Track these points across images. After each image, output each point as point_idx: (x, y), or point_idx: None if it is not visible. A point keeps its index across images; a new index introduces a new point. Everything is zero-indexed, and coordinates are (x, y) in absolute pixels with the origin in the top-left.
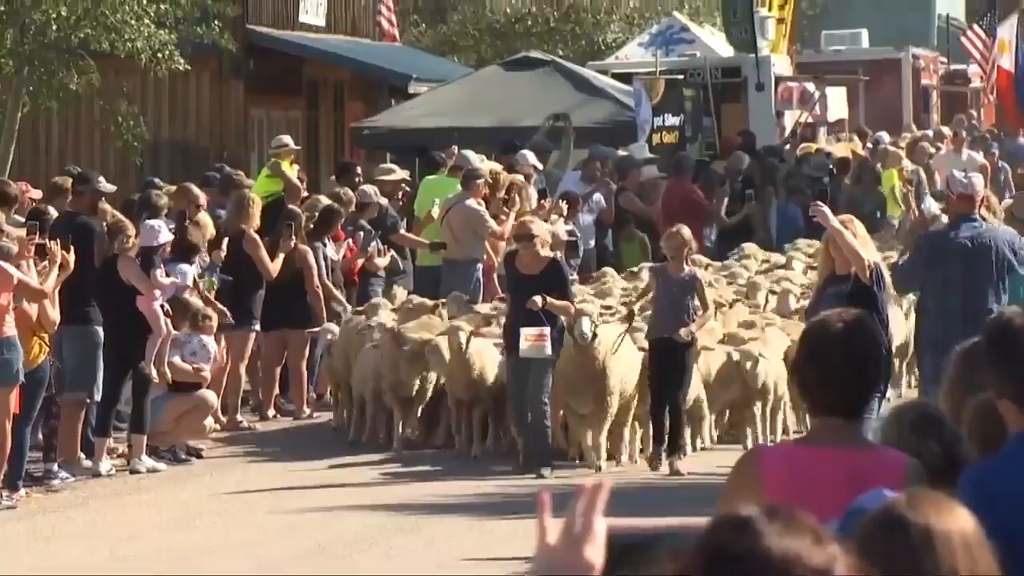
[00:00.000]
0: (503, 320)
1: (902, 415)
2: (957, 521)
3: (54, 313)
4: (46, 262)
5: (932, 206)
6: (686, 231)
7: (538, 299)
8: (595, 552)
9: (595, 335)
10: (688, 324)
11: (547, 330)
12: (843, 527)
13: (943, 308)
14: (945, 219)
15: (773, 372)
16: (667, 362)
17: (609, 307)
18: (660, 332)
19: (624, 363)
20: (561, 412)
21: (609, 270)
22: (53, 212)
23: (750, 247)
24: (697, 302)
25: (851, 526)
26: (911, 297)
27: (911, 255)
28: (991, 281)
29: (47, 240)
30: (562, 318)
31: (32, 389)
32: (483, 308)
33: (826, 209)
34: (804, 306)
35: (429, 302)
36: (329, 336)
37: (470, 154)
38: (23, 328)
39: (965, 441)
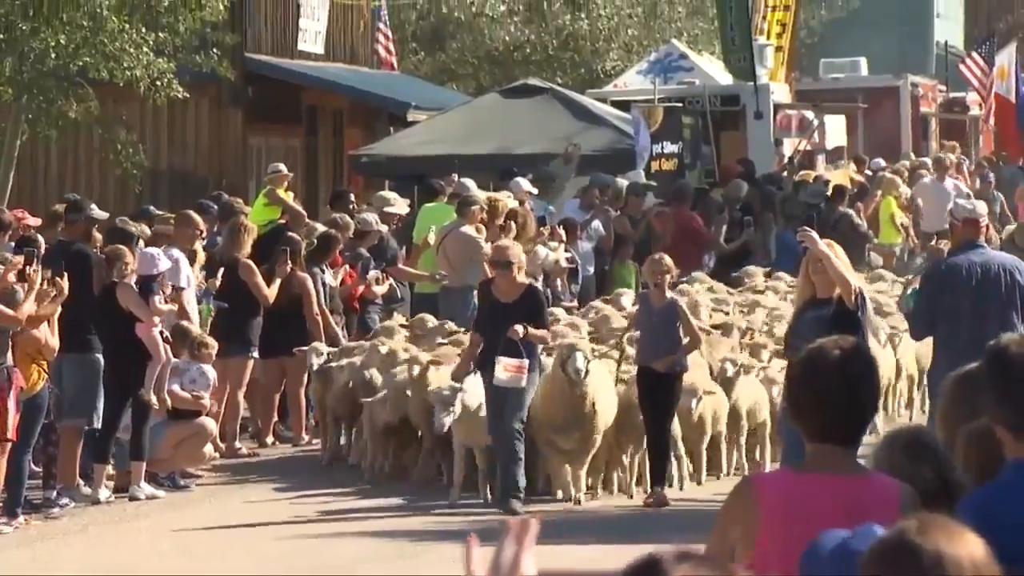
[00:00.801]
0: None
1: (895, 440)
2: (967, 546)
3: (53, 340)
4: (35, 286)
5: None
6: (667, 259)
7: (520, 329)
8: None
9: (587, 372)
10: (673, 353)
11: (526, 362)
12: (802, 566)
13: (954, 336)
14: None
15: (715, 406)
16: (652, 391)
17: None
18: (643, 361)
19: (609, 400)
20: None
21: (597, 303)
22: (40, 240)
23: (753, 270)
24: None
25: (808, 565)
26: (887, 328)
27: (921, 299)
28: (1002, 307)
29: (28, 267)
30: (539, 348)
31: (31, 416)
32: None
33: (814, 233)
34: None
35: (439, 323)
36: (315, 357)
37: (469, 182)
38: (22, 355)
39: (959, 468)
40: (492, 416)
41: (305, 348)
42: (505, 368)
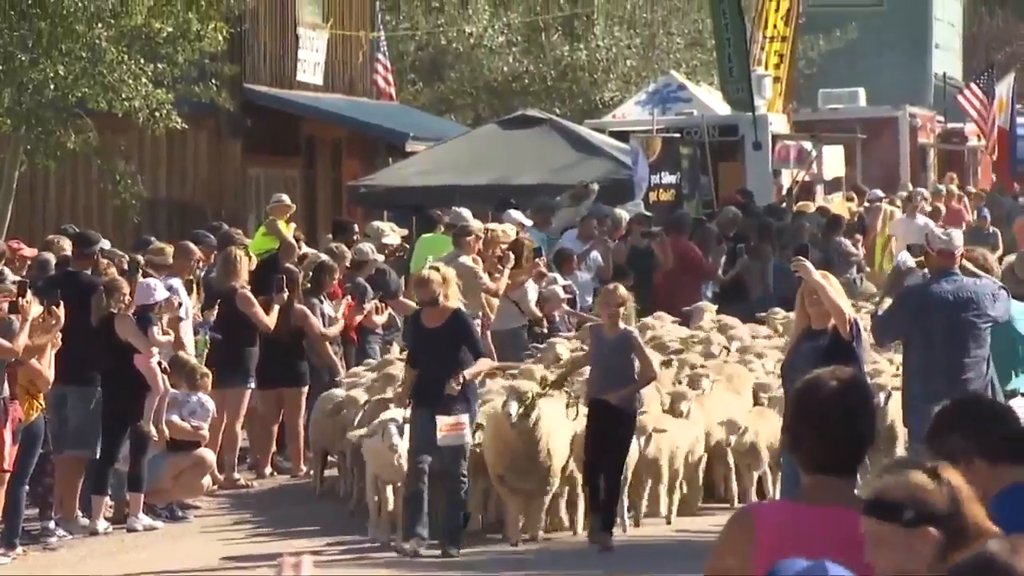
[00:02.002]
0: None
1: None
2: None
3: (48, 373)
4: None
5: (908, 260)
6: (622, 290)
7: (457, 381)
8: None
9: (536, 417)
10: (627, 386)
11: (465, 418)
12: None
13: (927, 363)
14: (920, 272)
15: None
16: (602, 426)
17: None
18: (594, 394)
19: (563, 439)
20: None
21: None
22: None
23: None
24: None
25: None
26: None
27: (891, 308)
28: (973, 335)
29: (21, 298)
30: (488, 382)
31: (27, 446)
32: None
33: (807, 263)
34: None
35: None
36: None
37: (465, 211)
38: (17, 385)
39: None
40: (418, 453)
41: (346, 380)
42: (442, 429)
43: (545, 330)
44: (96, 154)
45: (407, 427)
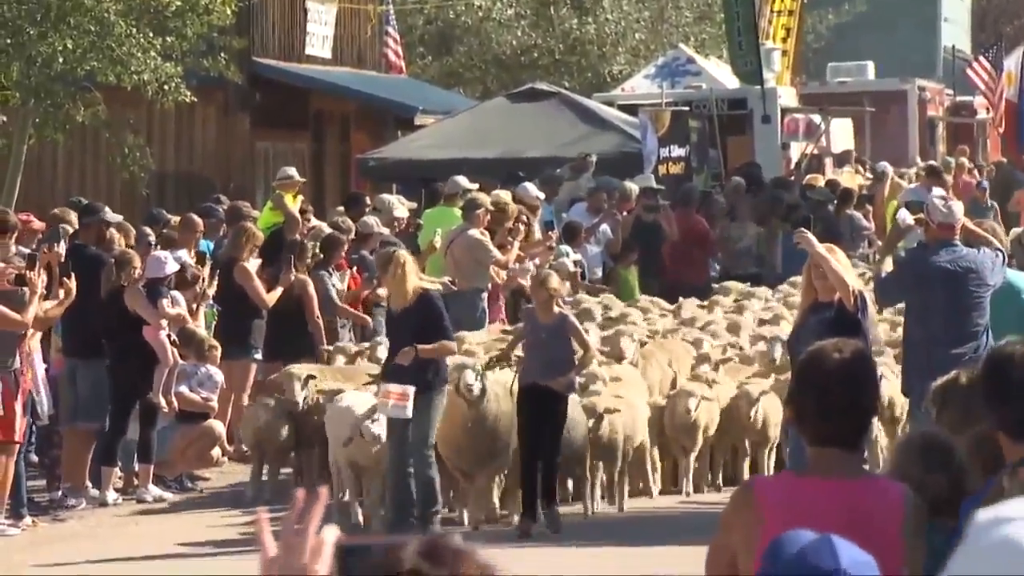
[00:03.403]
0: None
1: (911, 445)
2: None
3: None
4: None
5: (907, 217)
6: (553, 280)
7: (408, 352)
8: (315, 560)
9: (484, 390)
10: (564, 372)
11: (411, 389)
12: (764, 568)
13: (927, 333)
14: (920, 231)
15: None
16: (536, 411)
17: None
18: (527, 379)
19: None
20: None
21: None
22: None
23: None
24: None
25: (768, 565)
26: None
27: (893, 272)
28: (973, 304)
29: (29, 271)
30: (448, 362)
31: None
32: (484, 336)
33: (810, 235)
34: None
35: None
36: (342, 357)
37: (461, 179)
38: None
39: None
40: (392, 440)
41: (330, 348)
42: (386, 395)
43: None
44: (105, 127)
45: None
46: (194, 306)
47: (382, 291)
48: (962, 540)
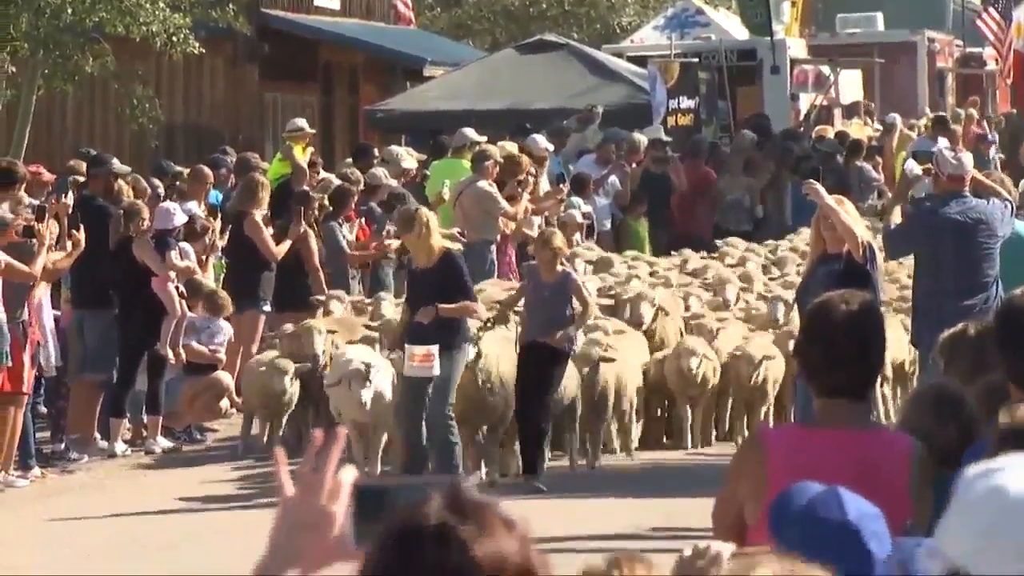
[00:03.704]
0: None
1: (922, 397)
2: None
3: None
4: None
5: (914, 168)
6: (557, 239)
7: (429, 311)
8: (332, 501)
9: (479, 354)
10: (565, 327)
11: (435, 348)
12: (772, 521)
13: (937, 285)
14: (928, 181)
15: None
16: (537, 369)
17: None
18: (529, 336)
19: (512, 371)
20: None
21: (614, 256)
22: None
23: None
24: (577, 304)
25: (775, 519)
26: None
27: (903, 224)
28: (983, 255)
29: (38, 223)
30: (470, 321)
31: None
32: (495, 291)
33: (819, 186)
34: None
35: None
36: (338, 304)
37: (469, 131)
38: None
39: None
40: (408, 405)
41: (321, 298)
42: (412, 357)
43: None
44: (113, 78)
45: (373, 371)
46: (203, 258)
47: (392, 243)
48: (954, 495)
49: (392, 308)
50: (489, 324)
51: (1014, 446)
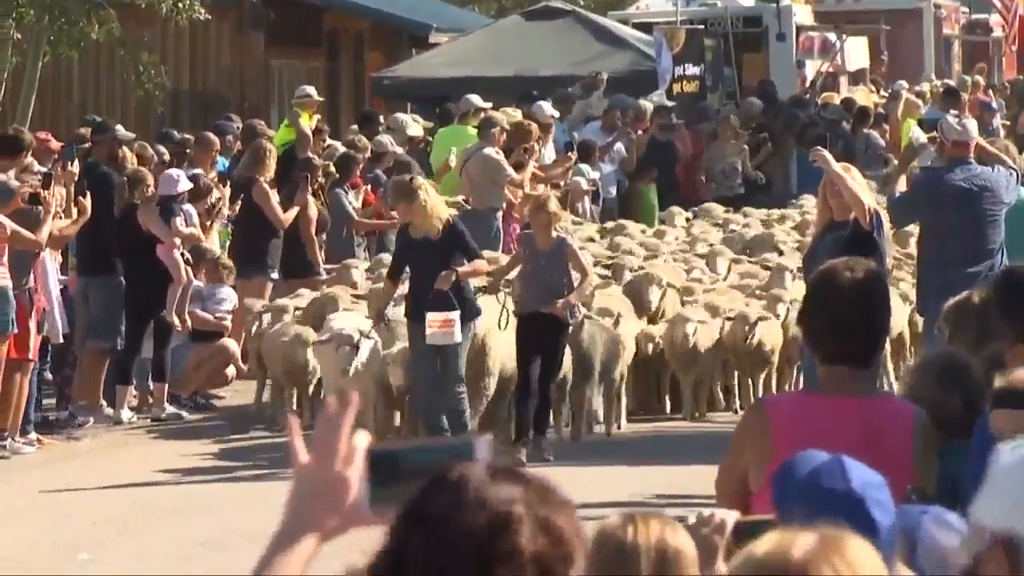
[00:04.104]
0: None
1: (928, 366)
2: None
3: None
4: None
5: (920, 136)
6: (552, 203)
7: (447, 277)
8: (346, 466)
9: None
10: (562, 295)
11: (455, 314)
12: (776, 489)
13: (943, 253)
14: (932, 149)
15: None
16: (534, 339)
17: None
18: (526, 307)
19: (505, 340)
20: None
21: (627, 222)
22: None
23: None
24: (575, 272)
25: (778, 488)
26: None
27: (907, 193)
28: (988, 223)
29: (44, 190)
30: (473, 283)
31: None
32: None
33: (826, 153)
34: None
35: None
36: (354, 271)
37: (473, 98)
38: None
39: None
40: (420, 372)
41: (336, 266)
42: (431, 324)
43: (568, 223)
44: (119, 45)
45: (364, 340)
46: (207, 223)
47: (396, 213)
48: (987, 473)
49: None
50: (480, 292)
51: (1007, 406)
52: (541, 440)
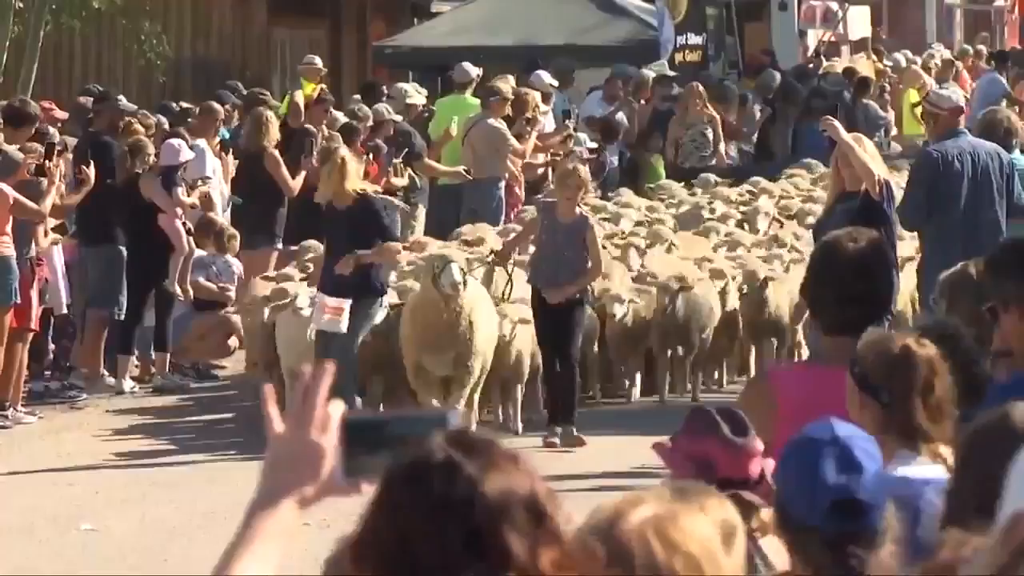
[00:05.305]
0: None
1: (924, 336)
2: None
3: (44, 241)
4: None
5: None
6: (583, 171)
7: (348, 262)
8: (322, 435)
9: (464, 285)
10: (572, 279)
11: (347, 303)
12: (785, 461)
13: (943, 222)
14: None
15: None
16: (553, 315)
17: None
18: (538, 280)
19: (488, 318)
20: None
21: (626, 190)
22: (55, 133)
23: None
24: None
25: (791, 457)
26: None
27: (907, 190)
28: (991, 192)
29: (48, 160)
30: (384, 267)
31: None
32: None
33: (837, 123)
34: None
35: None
36: None
37: (467, 66)
38: None
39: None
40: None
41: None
42: (323, 309)
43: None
44: (121, 14)
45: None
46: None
47: (398, 181)
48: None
49: None
50: (491, 258)
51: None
52: (567, 426)
